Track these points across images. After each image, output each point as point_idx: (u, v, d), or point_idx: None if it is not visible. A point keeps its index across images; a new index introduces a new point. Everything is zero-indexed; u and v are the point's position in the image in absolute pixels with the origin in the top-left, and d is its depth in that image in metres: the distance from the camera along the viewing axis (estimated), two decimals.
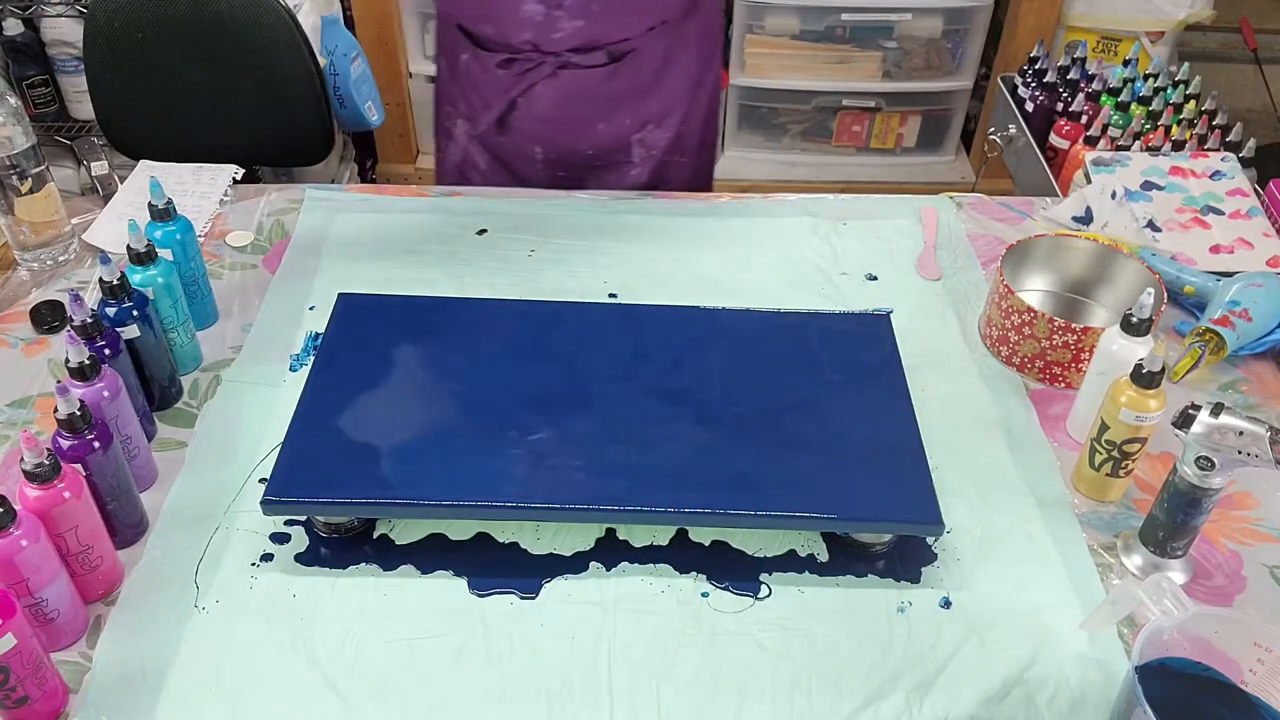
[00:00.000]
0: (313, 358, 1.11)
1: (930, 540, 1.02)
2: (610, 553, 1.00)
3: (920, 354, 1.20)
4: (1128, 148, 1.68)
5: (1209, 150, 1.68)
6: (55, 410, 0.91)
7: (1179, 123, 1.81)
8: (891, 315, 1.20)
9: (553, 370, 1.10)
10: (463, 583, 0.97)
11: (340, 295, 1.19)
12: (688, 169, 1.55)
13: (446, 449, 1.00)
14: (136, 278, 1.10)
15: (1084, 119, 1.87)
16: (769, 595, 0.97)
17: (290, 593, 0.96)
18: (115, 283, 1.05)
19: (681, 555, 1.00)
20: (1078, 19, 2.71)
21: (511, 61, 1.40)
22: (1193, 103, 1.85)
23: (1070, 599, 0.97)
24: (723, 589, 0.98)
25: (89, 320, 1.00)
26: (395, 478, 0.97)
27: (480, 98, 1.46)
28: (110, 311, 1.06)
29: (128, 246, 1.10)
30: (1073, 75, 1.99)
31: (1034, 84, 2.06)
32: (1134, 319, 1.05)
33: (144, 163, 1.53)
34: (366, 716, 0.87)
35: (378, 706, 0.88)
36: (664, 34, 1.41)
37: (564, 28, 1.35)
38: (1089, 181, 1.49)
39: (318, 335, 1.22)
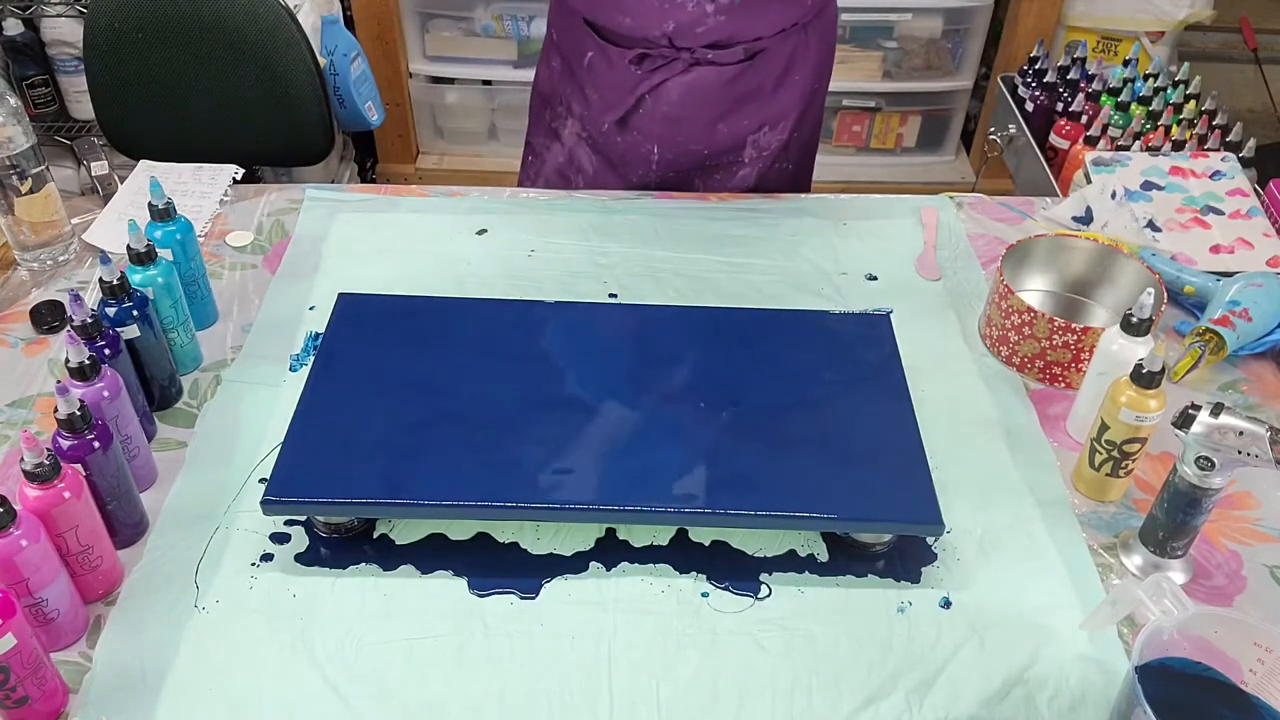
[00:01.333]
0: (313, 358, 1.11)
1: (930, 540, 1.02)
2: (610, 553, 1.00)
3: (920, 354, 1.20)
4: (1128, 148, 1.68)
5: (1209, 150, 1.68)
6: (55, 410, 0.91)
7: (1179, 123, 1.81)
8: (891, 315, 1.20)
9: (553, 370, 1.10)
10: (463, 583, 0.97)
11: (340, 295, 1.19)
12: (790, 176, 1.55)
13: (446, 449, 1.00)
14: (136, 278, 1.10)
15: (1084, 119, 1.87)
16: (769, 595, 0.97)
17: (290, 593, 0.96)
18: (115, 283, 1.05)
19: (681, 555, 1.00)
20: (1078, 19, 2.71)
21: (645, 57, 1.38)
22: (1193, 103, 1.85)
23: (1070, 599, 0.97)
24: (723, 589, 0.98)
25: (89, 320, 1.00)
26: (395, 478, 0.97)
27: (604, 96, 1.43)
28: (110, 311, 1.06)
29: (128, 246, 1.10)
30: (1073, 75, 1.99)
31: (1034, 84, 2.06)
32: (1134, 319, 1.05)
33: (144, 163, 1.53)
34: (366, 716, 0.87)
35: (378, 706, 0.88)
36: (792, 36, 1.41)
37: (708, 21, 1.34)
38: (1089, 181, 1.49)
39: (318, 335, 1.22)
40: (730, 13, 1.33)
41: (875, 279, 1.35)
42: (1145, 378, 0.98)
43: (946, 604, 0.97)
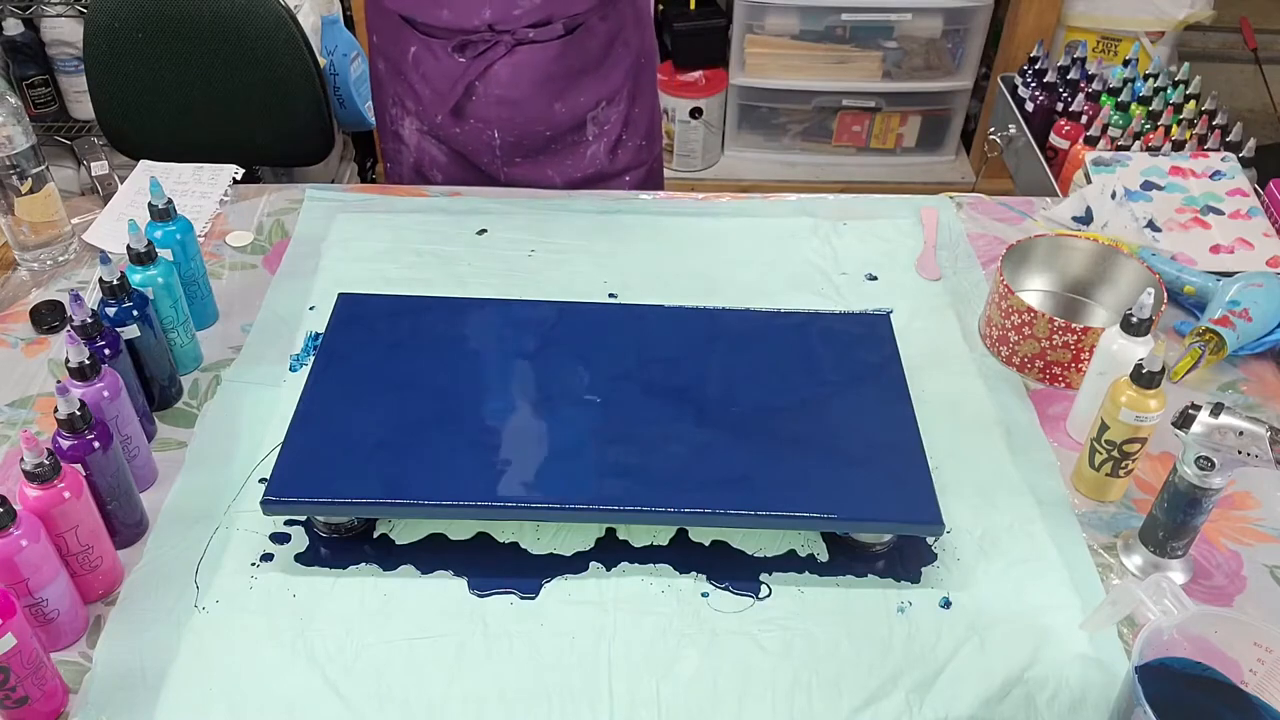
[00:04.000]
0: (313, 358, 1.11)
1: (930, 540, 1.02)
2: (610, 553, 1.00)
3: (920, 354, 1.20)
4: (1128, 148, 1.68)
5: (1209, 150, 1.68)
6: (55, 410, 0.91)
7: (1179, 123, 1.81)
8: (891, 315, 1.20)
9: (553, 370, 1.10)
10: (463, 583, 0.97)
11: (340, 295, 1.19)
12: (646, 150, 1.57)
13: (446, 449, 1.00)
14: (136, 278, 1.10)
15: (1084, 119, 1.87)
16: (769, 595, 0.97)
17: (290, 593, 0.96)
18: (115, 283, 1.05)
19: (681, 555, 1.00)
20: (1078, 19, 2.71)
21: (467, 45, 1.39)
22: (1193, 103, 1.85)
23: (1070, 599, 0.97)
24: (723, 589, 0.98)
25: (89, 320, 1.00)
26: (395, 478, 0.97)
27: (433, 89, 1.44)
28: (110, 311, 1.06)
29: (128, 246, 1.10)
30: (1073, 75, 1.99)
31: (1034, 84, 2.06)
32: (1134, 319, 1.05)
33: (144, 163, 1.53)
34: (366, 716, 0.87)
35: (378, 706, 0.88)
36: (608, 10, 1.43)
37: (523, 4, 1.35)
38: (1089, 181, 1.49)
39: (318, 335, 1.22)
40: None
41: (875, 279, 1.35)
42: (1145, 378, 0.98)
43: (946, 604, 0.97)
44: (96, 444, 0.93)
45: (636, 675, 0.91)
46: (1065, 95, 1.97)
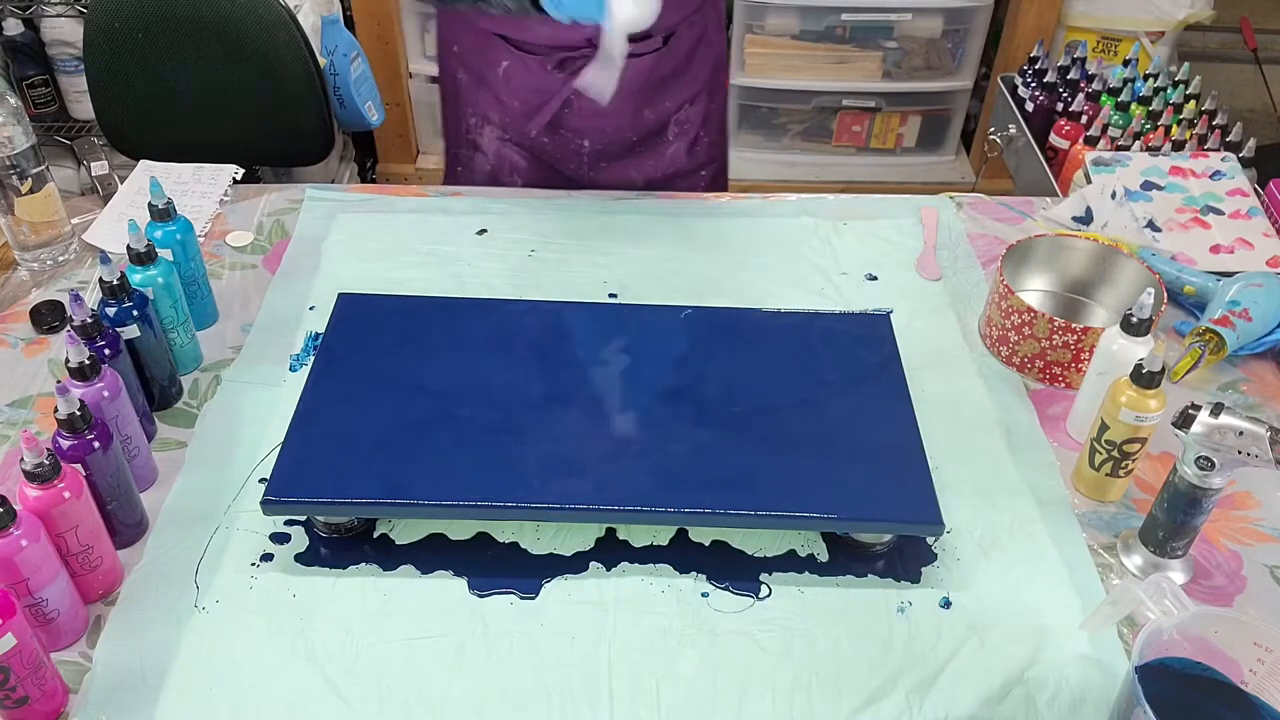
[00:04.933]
0: (313, 358, 1.11)
1: (930, 540, 1.02)
2: (610, 553, 1.00)
3: (920, 354, 1.20)
4: (1128, 148, 1.69)
5: (1209, 150, 1.68)
6: (55, 410, 0.91)
7: (1179, 123, 1.81)
8: (891, 315, 1.20)
9: (553, 370, 1.10)
10: (463, 583, 0.97)
11: (340, 295, 1.19)
12: (717, 145, 1.58)
13: (447, 449, 1.00)
14: (136, 278, 1.10)
15: (1084, 119, 1.87)
16: (769, 595, 0.97)
17: (290, 593, 0.96)
18: (115, 283, 1.05)
19: (681, 555, 1.00)
20: (1078, 19, 2.71)
21: (565, 61, 1.38)
22: (1193, 103, 1.85)
23: (1070, 599, 0.97)
24: (723, 589, 0.98)
25: (89, 320, 1.00)
26: (395, 478, 0.97)
27: (524, 102, 1.44)
28: (110, 311, 1.06)
29: (128, 246, 1.10)
30: (1073, 75, 1.99)
31: (1034, 84, 2.06)
32: (1134, 319, 1.05)
33: (144, 163, 1.53)
34: (367, 716, 0.87)
35: (378, 706, 0.88)
36: (695, 17, 1.43)
37: None
38: (1089, 181, 1.49)
39: (318, 335, 1.22)
40: None
41: (875, 279, 1.35)
42: (1145, 378, 0.98)
43: (946, 604, 0.97)
44: (96, 444, 0.93)
45: (636, 675, 0.91)
46: (1065, 95, 1.97)
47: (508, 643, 0.93)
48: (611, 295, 1.31)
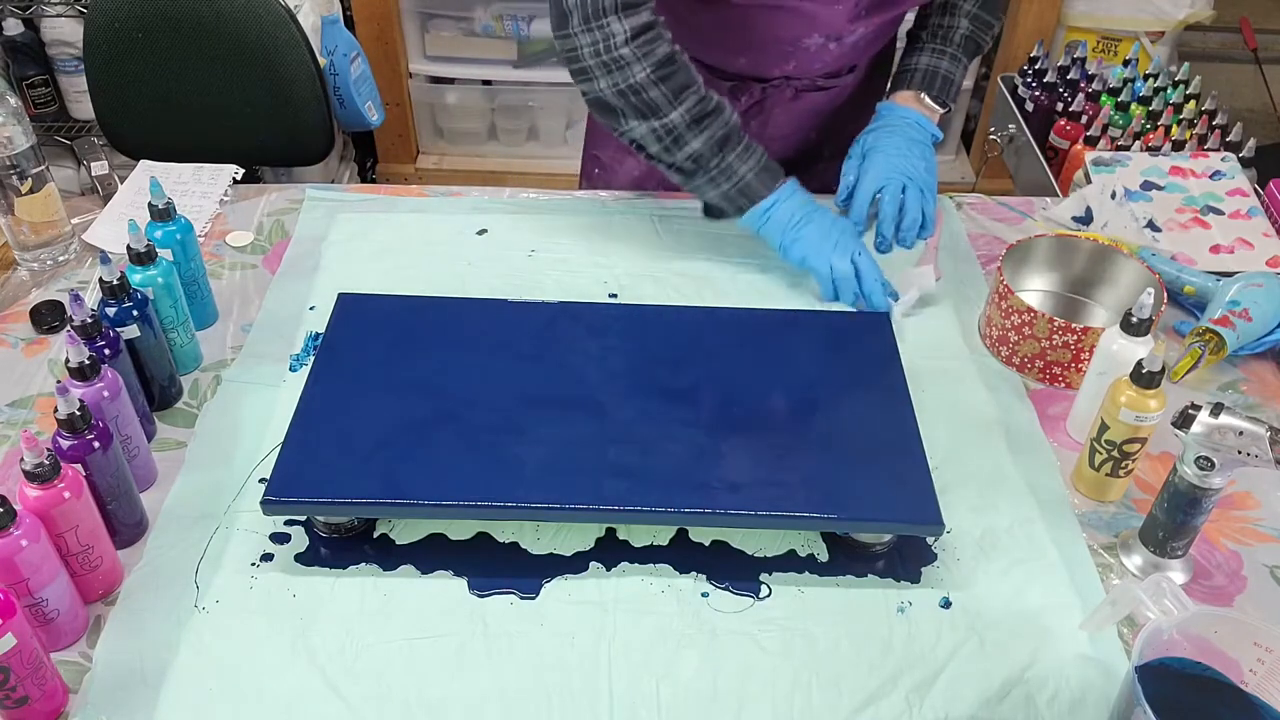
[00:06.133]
0: (313, 358, 1.11)
1: (930, 540, 1.02)
2: (610, 553, 1.00)
3: (920, 354, 1.20)
4: (1128, 148, 1.69)
5: (1209, 150, 1.68)
6: (55, 410, 0.91)
7: (1179, 123, 1.81)
8: (891, 315, 1.20)
9: (553, 370, 1.10)
10: (463, 583, 0.97)
11: (340, 295, 1.19)
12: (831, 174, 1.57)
13: (447, 449, 1.00)
14: (136, 278, 1.10)
15: (1084, 119, 1.87)
16: (769, 595, 0.97)
17: (290, 593, 0.96)
18: (115, 283, 1.05)
19: (681, 555, 1.00)
20: (1078, 19, 2.71)
21: (738, 87, 1.38)
22: (1193, 103, 1.85)
23: (1070, 599, 0.97)
24: (723, 589, 0.98)
25: (89, 320, 1.00)
26: (395, 478, 0.97)
27: None
28: (110, 311, 1.06)
29: (128, 246, 1.10)
30: (1073, 75, 1.99)
31: (1034, 84, 2.06)
32: (1134, 319, 1.05)
33: (144, 163, 1.53)
34: (366, 716, 0.87)
35: (378, 706, 0.88)
36: (880, 53, 1.46)
37: (826, 60, 1.34)
38: (1089, 181, 1.49)
39: (318, 335, 1.22)
40: (855, 50, 1.35)
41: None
42: (1145, 378, 0.98)
43: (946, 604, 0.97)
44: (96, 444, 0.93)
45: (636, 675, 0.91)
46: (1065, 95, 1.97)
47: (508, 643, 0.93)
48: (611, 295, 1.31)
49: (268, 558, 0.99)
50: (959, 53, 1.35)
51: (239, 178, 1.50)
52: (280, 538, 1.01)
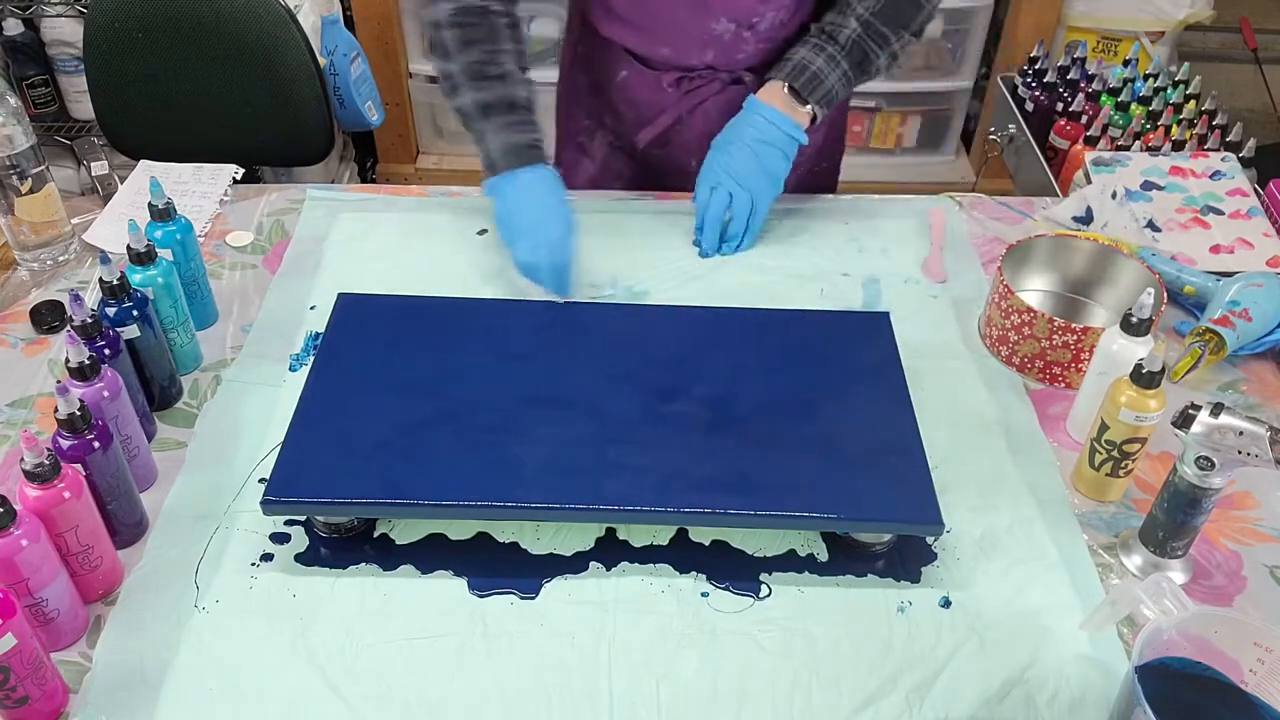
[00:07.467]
0: (313, 358, 1.11)
1: (930, 540, 1.02)
2: (610, 553, 1.00)
3: (920, 354, 1.20)
4: (1128, 148, 1.69)
5: (1209, 150, 1.68)
6: (55, 410, 0.91)
7: (1179, 123, 1.81)
8: (891, 315, 1.20)
9: (552, 370, 1.10)
10: (463, 583, 0.97)
11: (340, 295, 1.19)
12: (827, 174, 1.56)
13: (446, 449, 1.00)
14: (136, 278, 1.10)
15: (1084, 119, 1.87)
16: (769, 595, 0.97)
17: (290, 593, 0.96)
18: (115, 283, 1.05)
19: (681, 555, 1.00)
20: (1078, 19, 2.71)
21: (682, 79, 1.38)
22: (1193, 103, 1.85)
23: (1070, 599, 0.97)
24: (723, 589, 0.98)
25: (89, 320, 1.00)
26: (395, 478, 0.97)
27: (639, 115, 1.43)
28: (110, 311, 1.06)
29: (128, 246, 1.10)
30: (1073, 75, 1.99)
31: (1034, 84, 2.06)
32: (1134, 319, 1.05)
33: (144, 163, 1.53)
34: (366, 716, 0.87)
35: (378, 706, 0.88)
36: None
37: (747, 49, 1.34)
38: (1089, 181, 1.49)
39: (318, 335, 1.22)
40: (771, 41, 1.34)
41: (876, 279, 1.35)
42: (1145, 378, 0.98)
43: (946, 604, 0.97)
44: (96, 444, 0.93)
45: (636, 675, 0.91)
46: (1065, 95, 1.97)
47: (508, 643, 0.93)
48: (611, 295, 1.31)
49: (268, 558, 0.99)
50: (840, 55, 1.28)
51: (239, 178, 1.50)
52: (280, 538, 1.01)
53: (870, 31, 1.28)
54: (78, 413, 0.91)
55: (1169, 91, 1.87)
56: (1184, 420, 0.91)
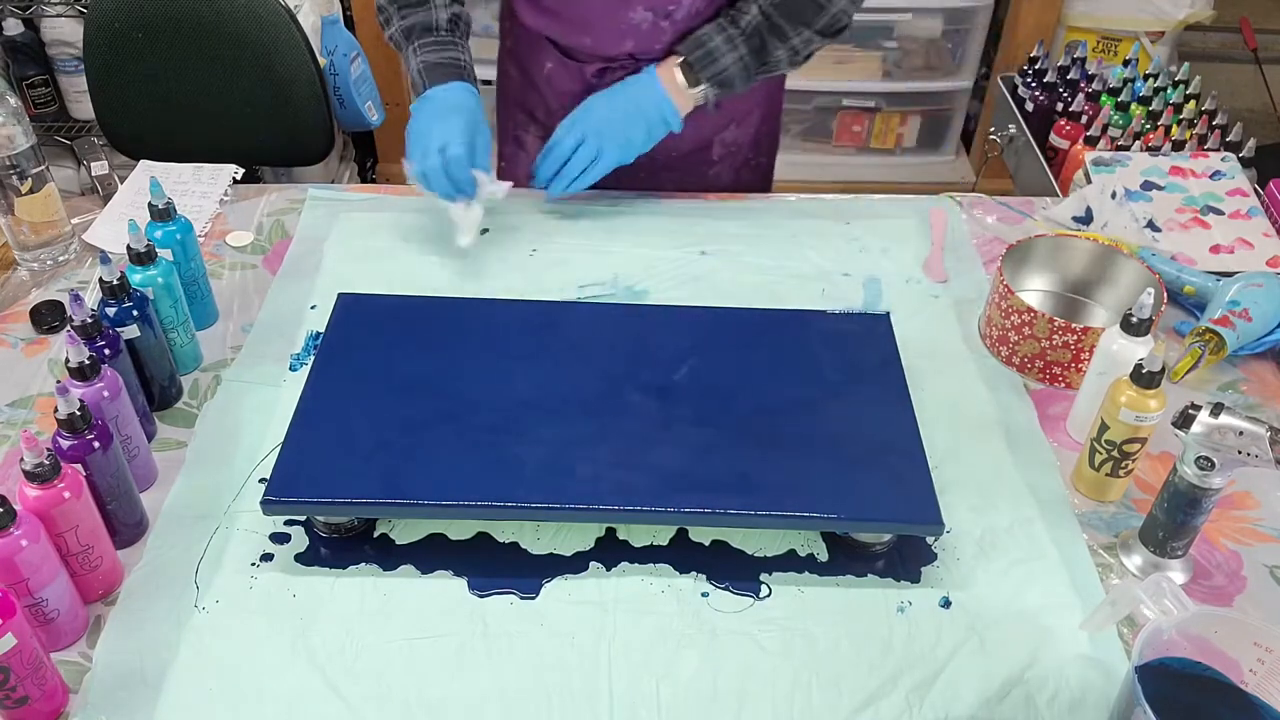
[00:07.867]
0: (313, 358, 1.11)
1: (930, 540, 1.02)
2: (610, 553, 1.00)
3: (920, 354, 1.20)
4: (1128, 148, 1.69)
5: (1209, 150, 1.68)
6: (55, 410, 0.91)
7: (1179, 123, 1.81)
8: (891, 315, 1.20)
9: (553, 370, 1.10)
10: (463, 583, 0.97)
11: (340, 295, 1.19)
12: (763, 170, 1.57)
13: (447, 449, 1.00)
14: (136, 278, 1.10)
15: (1084, 119, 1.87)
16: (769, 595, 0.97)
17: (290, 593, 0.96)
18: (115, 283, 1.05)
19: (681, 555, 1.00)
20: (1078, 19, 2.71)
21: (605, 70, 1.39)
22: (1193, 103, 1.85)
23: (1070, 599, 0.97)
24: (723, 589, 0.98)
25: (89, 320, 1.00)
26: (395, 478, 0.97)
27: (566, 107, 1.42)
28: (110, 311, 1.06)
29: (128, 246, 1.10)
30: (1073, 75, 1.99)
31: (1034, 84, 2.06)
32: (1134, 319, 1.05)
33: (144, 163, 1.53)
34: (366, 716, 0.87)
35: (378, 706, 0.88)
36: None
37: (665, 38, 1.34)
38: (1089, 181, 1.49)
39: (318, 335, 1.22)
40: (688, 29, 1.34)
41: (877, 279, 1.35)
42: (1145, 378, 0.98)
43: (946, 604, 0.97)
44: (96, 444, 0.93)
45: (636, 675, 0.91)
46: (1065, 95, 1.97)
47: (508, 643, 0.93)
48: (611, 295, 1.31)
49: (268, 558, 0.99)
50: (739, 38, 1.28)
51: (239, 178, 1.50)
52: (280, 538, 1.01)
53: (771, 25, 1.29)
54: (78, 413, 0.91)
55: (1169, 91, 1.87)
56: (1184, 420, 0.91)
